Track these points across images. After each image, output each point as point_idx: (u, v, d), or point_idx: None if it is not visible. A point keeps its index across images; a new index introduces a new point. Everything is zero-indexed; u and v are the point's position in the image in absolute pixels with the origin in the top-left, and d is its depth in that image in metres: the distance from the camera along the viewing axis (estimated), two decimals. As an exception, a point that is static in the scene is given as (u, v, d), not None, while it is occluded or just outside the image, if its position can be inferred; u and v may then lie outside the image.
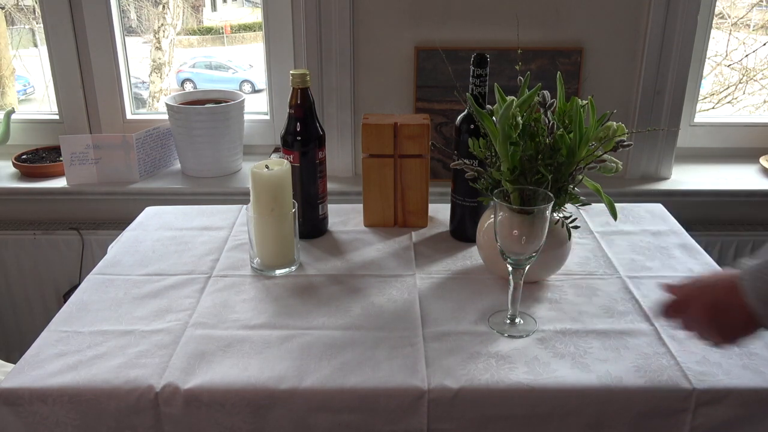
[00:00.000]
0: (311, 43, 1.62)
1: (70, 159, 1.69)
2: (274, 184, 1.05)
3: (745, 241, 1.72)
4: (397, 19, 1.63)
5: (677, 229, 1.25)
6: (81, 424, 0.83)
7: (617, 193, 1.67)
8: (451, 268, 1.11)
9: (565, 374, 0.85)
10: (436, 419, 0.83)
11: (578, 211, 1.30)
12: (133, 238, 1.22)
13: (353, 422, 0.83)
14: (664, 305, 0.80)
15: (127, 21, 1.92)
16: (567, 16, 1.62)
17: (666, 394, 0.82)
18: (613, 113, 0.96)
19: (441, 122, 1.69)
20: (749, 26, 1.96)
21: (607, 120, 0.96)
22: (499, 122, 0.93)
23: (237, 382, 0.83)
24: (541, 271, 1.04)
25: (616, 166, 0.98)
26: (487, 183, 1.02)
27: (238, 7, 2.30)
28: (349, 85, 1.66)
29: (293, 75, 1.13)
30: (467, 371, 0.85)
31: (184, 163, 1.77)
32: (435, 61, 1.64)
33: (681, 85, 1.65)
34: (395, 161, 1.20)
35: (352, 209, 1.31)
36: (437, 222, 1.27)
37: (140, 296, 1.03)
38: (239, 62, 2.34)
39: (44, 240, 1.74)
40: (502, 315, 0.97)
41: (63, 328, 0.95)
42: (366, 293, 1.04)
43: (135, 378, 0.84)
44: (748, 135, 1.87)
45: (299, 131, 1.15)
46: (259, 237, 1.08)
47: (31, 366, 0.86)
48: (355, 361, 0.87)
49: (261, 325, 0.95)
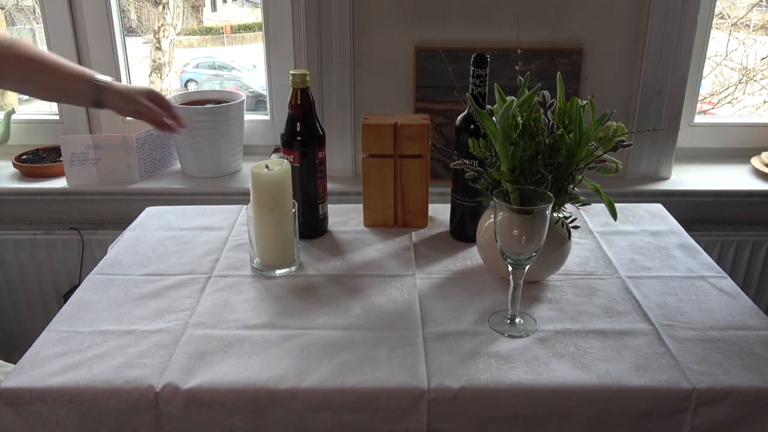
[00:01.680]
0: (311, 44, 1.62)
1: (70, 159, 1.69)
2: (274, 184, 1.05)
3: (745, 241, 1.72)
4: (397, 19, 1.63)
5: (677, 229, 1.25)
6: (81, 424, 0.83)
7: (617, 193, 1.67)
8: (451, 268, 1.11)
9: (565, 374, 0.85)
10: (436, 419, 0.83)
11: (578, 211, 1.30)
12: (133, 238, 1.22)
13: (353, 422, 0.83)
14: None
15: (127, 21, 1.92)
16: (567, 16, 1.62)
17: (666, 394, 0.82)
18: (613, 113, 0.96)
19: (441, 122, 1.69)
20: (749, 26, 1.96)
21: (607, 120, 0.96)
22: (499, 122, 0.93)
23: (237, 382, 0.83)
24: (541, 271, 1.04)
25: (616, 166, 0.98)
26: (487, 183, 1.02)
27: (238, 7, 2.30)
28: (349, 85, 1.66)
29: (293, 75, 1.13)
30: (467, 371, 0.85)
31: (184, 163, 1.77)
32: (435, 61, 1.64)
33: (681, 85, 1.65)
34: (395, 161, 1.20)
35: (352, 209, 1.31)
36: (437, 222, 1.27)
37: (140, 296, 1.03)
38: (242, 62, 2.34)
39: (44, 240, 1.74)
40: (502, 315, 0.97)
41: (63, 328, 0.95)
42: (366, 293, 1.04)
43: (135, 378, 0.84)
44: (748, 135, 1.87)
45: (299, 131, 1.15)
46: (259, 237, 1.08)
47: (31, 366, 0.86)
48: (355, 361, 0.87)
49: (261, 325, 0.95)
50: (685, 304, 1.00)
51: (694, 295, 1.03)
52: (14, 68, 1.24)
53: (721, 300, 1.01)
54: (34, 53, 1.25)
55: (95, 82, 1.25)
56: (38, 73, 1.26)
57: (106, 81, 1.26)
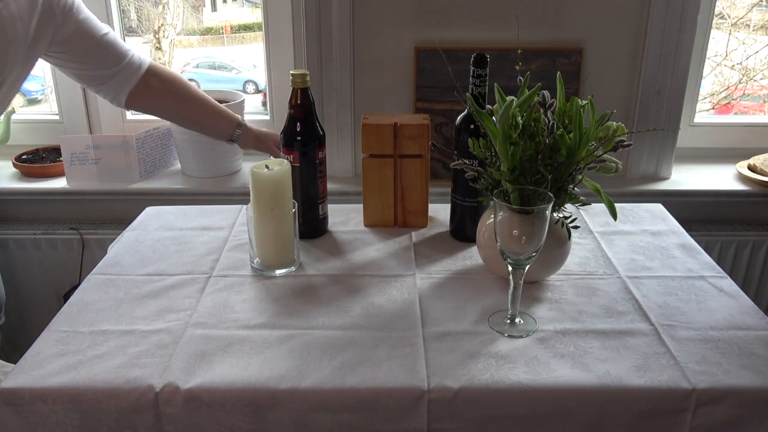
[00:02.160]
0: (311, 43, 1.62)
1: (70, 159, 1.69)
2: (274, 184, 1.05)
3: (745, 241, 1.72)
4: (397, 19, 1.63)
5: (677, 229, 1.25)
6: (81, 424, 0.83)
7: (617, 193, 1.67)
8: (451, 268, 1.11)
9: (565, 374, 0.85)
10: (436, 419, 0.83)
11: (578, 211, 1.30)
12: (133, 238, 1.22)
13: (353, 422, 0.83)
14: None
15: (127, 21, 1.92)
16: (567, 16, 1.62)
17: (666, 394, 0.82)
18: (613, 113, 0.96)
19: (441, 122, 1.69)
20: (749, 26, 1.96)
21: (607, 120, 0.96)
22: (499, 122, 0.93)
23: (237, 382, 0.83)
24: (541, 271, 1.04)
25: (616, 166, 0.98)
26: (487, 183, 1.02)
27: (238, 7, 2.30)
28: (349, 85, 1.66)
29: (293, 75, 1.13)
30: (467, 371, 0.85)
31: (184, 163, 1.77)
32: (435, 61, 1.64)
33: (681, 85, 1.65)
34: (395, 161, 1.20)
35: (352, 209, 1.31)
36: (437, 222, 1.27)
37: (140, 296, 1.03)
38: (242, 62, 2.34)
39: (44, 240, 1.74)
40: (502, 315, 0.97)
41: (63, 328, 0.95)
42: (366, 293, 1.04)
43: (135, 378, 0.84)
44: (748, 135, 1.87)
45: (299, 131, 1.15)
46: (259, 237, 1.08)
47: (31, 366, 0.86)
48: (355, 361, 0.87)
49: (261, 325, 0.95)
50: (685, 304, 1.00)
51: (694, 295, 1.03)
52: (162, 98, 1.45)
53: (721, 300, 1.01)
54: (181, 87, 1.46)
55: (238, 124, 1.53)
56: (186, 108, 1.49)
57: (246, 125, 1.54)
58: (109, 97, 1.41)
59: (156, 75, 1.41)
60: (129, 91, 1.39)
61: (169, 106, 1.48)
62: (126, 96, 1.40)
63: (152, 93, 1.42)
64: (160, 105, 1.46)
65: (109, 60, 1.35)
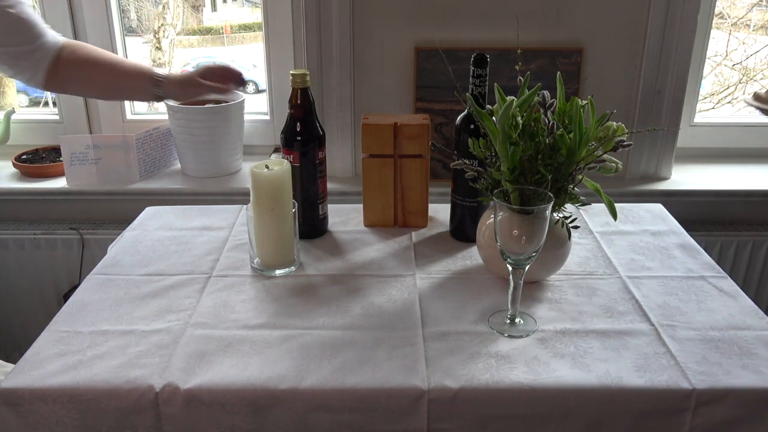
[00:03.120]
0: (311, 43, 1.62)
1: (70, 159, 1.69)
2: (274, 184, 1.05)
3: (745, 241, 1.72)
4: (397, 19, 1.63)
5: (677, 229, 1.25)
6: (81, 423, 0.83)
7: (617, 193, 1.67)
8: (451, 268, 1.11)
9: (565, 374, 0.85)
10: (436, 419, 0.83)
11: (578, 211, 1.30)
12: (133, 238, 1.22)
13: (353, 422, 0.83)
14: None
15: (127, 21, 1.92)
16: (567, 16, 1.62)
17: (666, 394, 0.82)
18: (613, 113, 0.96)
19: (441, 122, 1.69)
20: (749, 26, 1.96)
21: (607, 120, 0.96)
22: (499, 122, 0.93)
23: (237, 382, 0.83)
24: (541, 271, 1.04)
25: (616, 166, 0.98)
26: (487, 183, 1.02)
27: (238, 7, 2.30)
28: (349, 85, 1.66)
29: (293, 75, 1.13)
30: (467, 371, 0.85)
31: (184, 164, 1.77)
32: (435, 61, 1.64)
33: (681, 85, 1.65)
34: (395, 161, 1.20)
35: (352, 209, 1.31)
36: (437, 222, 1.27)
37: (140, 296, 1.03)
38: (242, 62, 2.34)
39: (44, 240, 1.74)
40: (502, 315, 0.97)
41: (63, 328, 0.95)
42: (366, 293, 1.04)
43: (135, 378, 0.84)
44: (748, 135, 1.87)
45: (299, 131, 1.15)
46: (259, 237, 1.08)
47: (31, 366, 0.86)
48: (355, 361, 0.87)
49: (261, 325, 0.95)
50: (685, 304, 1.00)
51: (694, 295, 1.03)
52: (73, 71, 1.31)
53: (721, 300, 1.01)
54: (91, 55, 1.33)
55: (154, 78, 1.34)
56: (97, 75, 1.34)
57: (164, 75, 1.35)
58: (26, 77, 1.31)
59: (70, 48, 1.31)
60: (47, 68, 1.29)
61: (86, 77, 1.35)
62: (45, 73, 1.29)
63: (70, 68, 1.31)
64: (77, 78, 1.34)
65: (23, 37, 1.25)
